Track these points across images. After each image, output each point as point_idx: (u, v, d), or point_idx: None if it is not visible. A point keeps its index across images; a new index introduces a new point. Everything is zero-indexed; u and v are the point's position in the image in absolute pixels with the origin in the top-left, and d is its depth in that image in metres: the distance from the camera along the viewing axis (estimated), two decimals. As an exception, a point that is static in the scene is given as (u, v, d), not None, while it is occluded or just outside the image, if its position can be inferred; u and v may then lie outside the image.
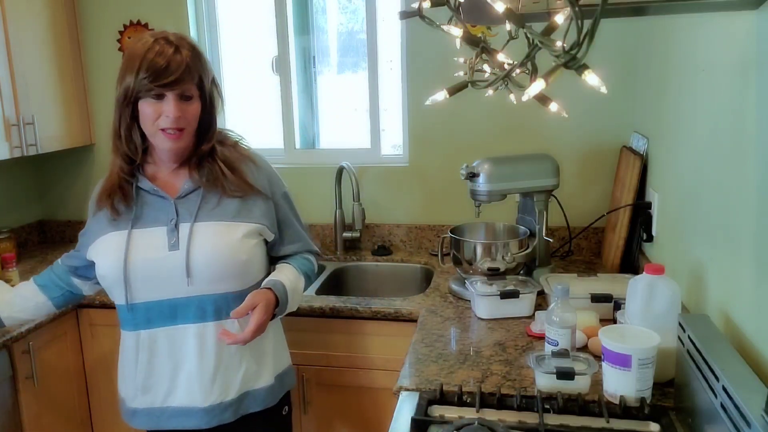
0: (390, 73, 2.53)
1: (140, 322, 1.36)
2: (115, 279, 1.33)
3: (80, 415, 2.13)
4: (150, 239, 1.34)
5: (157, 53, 1.26)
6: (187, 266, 1.32)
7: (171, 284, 1.33)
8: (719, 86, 1.27)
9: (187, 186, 1.38)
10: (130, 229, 1.34)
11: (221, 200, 1.37)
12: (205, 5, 2.57)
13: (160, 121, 1.29)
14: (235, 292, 1.37)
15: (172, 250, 1.32)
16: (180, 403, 1.38)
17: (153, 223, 1.35)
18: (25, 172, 2.73)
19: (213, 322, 1.36)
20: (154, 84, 1.26)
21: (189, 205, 1.37)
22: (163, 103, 1.28)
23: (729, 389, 0.90)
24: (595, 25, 0.74)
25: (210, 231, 1.34)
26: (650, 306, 1.24)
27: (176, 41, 1.30)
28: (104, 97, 2.65)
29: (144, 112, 1.30)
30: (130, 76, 1.27)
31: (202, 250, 1.32)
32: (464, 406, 1.26)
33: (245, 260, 1.37)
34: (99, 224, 1.39)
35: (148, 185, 1.38)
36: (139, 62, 1.26)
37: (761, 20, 1.05)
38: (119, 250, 1.33)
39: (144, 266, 1.32)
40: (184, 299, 1.34)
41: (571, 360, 1.29)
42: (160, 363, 1.37)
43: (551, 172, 1.90)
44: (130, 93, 1.28)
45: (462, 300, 1.89)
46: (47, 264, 2.44)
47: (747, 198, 1.09)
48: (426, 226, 2.48)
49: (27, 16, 2.28)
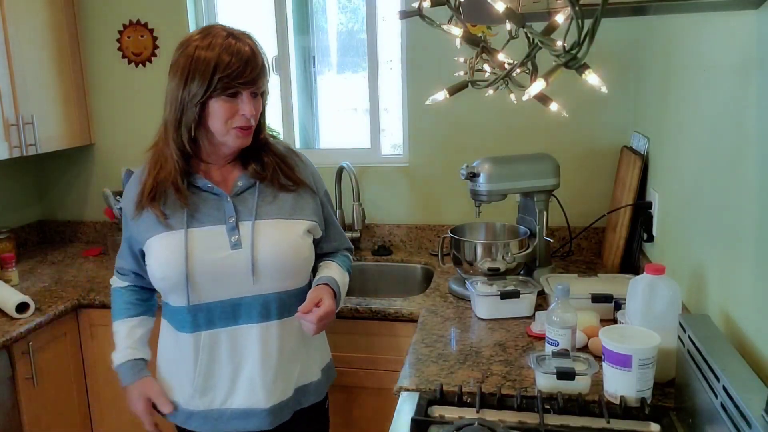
0: (390, 73, 2.53)
1: (201, 323, 1.33)
2: (176, 281, 1.29)
3: (80, 415, 2.13)
4: (209, 238, 1.30)
5: (236, 52, 1.22)
6: (253, 265, 1.30)
7: (234, 284, 1.30)
8: (720, 86, 1.27)
9: (242, 183, 1.35)
10: (187, 229, 1.30)
11: (277, 196, 1.36)
12: (205, 5, 2.57)
13: (234, 120, 1.26)
14: (296, 289, 1.38)
15: (234, 248, 1.30)
16: (241, 404, 1.35)
17: (210, 221, 1.31)
18: (24, 172, 2.73)
19: (276, 321, 1.35)
20: (236, 82, 1.22)
21: (246, 202, 1.34)
22: (237, 101, 1.25)
23: (729, 389, 0.90)
24: (595, 24, 0.74)
25: (271, 228, 1.32)
26: (651, 306, 1.24)
27: (242, 37, 1.26)
28: (104, 97, 2.65)
29: (216, 111, 1.25)
30: (205, 74, 1.22)
31: (267, 248, 1.31)
32: (464, 407, 1.26)
33: (306, 257, 1.38)
34: (146, 225, 1.33)
35: (203, 182, 1.33)
36: (216, 60, 1.21)
37: (761, 20, 1.04)
38: (178, 251, 1.28)
39: (206, 267, 1.29)
40: (247, 298, 1.32)
41: (571, 360, 1.29)
42: (220, 364, 1.34)
43: (551, 172, 1.90)
44: (204, 92, 1.23)
45: (462, 300, 1.88)
46: (47, 264, 2.46)
47: (747, 198, 1.09)
48: (426, 226, 2.48)
49: (27, 16, 2.28)
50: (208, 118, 1.26)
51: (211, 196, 1.33)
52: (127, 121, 2.65)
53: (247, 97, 1.26)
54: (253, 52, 1.25)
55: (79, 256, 2.56)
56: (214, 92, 1.23)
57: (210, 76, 1.21)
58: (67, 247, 2.71)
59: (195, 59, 1.22)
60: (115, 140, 2.69)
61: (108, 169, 2.71)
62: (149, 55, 2.57)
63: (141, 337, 1.43)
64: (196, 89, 1.23)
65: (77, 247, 2.70)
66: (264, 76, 1.28)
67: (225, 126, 1.26)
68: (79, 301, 2.06)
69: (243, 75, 1.23)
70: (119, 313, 1.44)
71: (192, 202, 1.31)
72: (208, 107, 1.25)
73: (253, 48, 1.25)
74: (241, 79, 1.23)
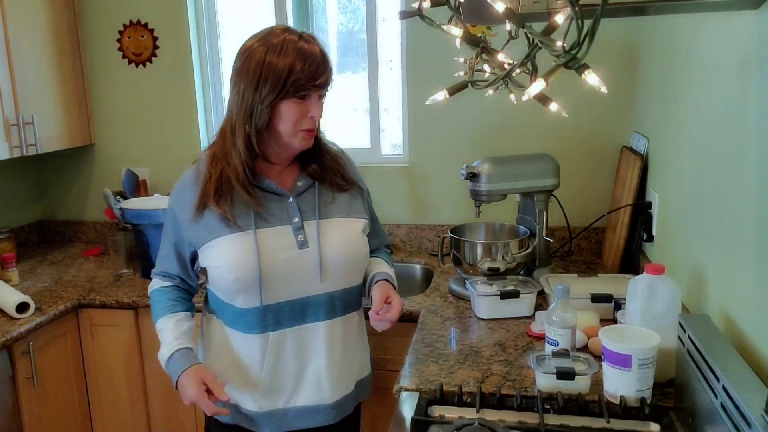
0: (390, 73, 2.53)
1: (269, 323, 1.33)
2: (250, 282, 1.28)
3: (80, 415, 2.13)
4: (276, 239, 1.31)
5: (309, 55, 1.23)
6: (321, 263, 1.32)
7: (303, 283, 1.32)
8: (719, 86, 1.27)
9: (301, 183, 1.37)
10: (255, 229, 1.30)
11: (335, 196, 1.39)
12: (205, 5, 2.57)
13: (302, 122, 1.27)
14: (356, 285, 1.42)
15: (301, 248, 1.31)
16: (306, 402, 1.37)
17: (275, 222, 1.32)
18: (25, 172, 2.73)
19: (340, 318, 1.38)
20: (309, 84, 1.24)
21: (307, 202, 1.35)
22: (306, 103, 1.26)
23: (729, 389, 0.90)
24: (595, 24, 0.74)
25: (334, 228, 1.35)
26: (650, 306, 1.24)
27: (312, 40, 1.26)
28: (104, 97, 2.65)
29: (286, 113, 1.25)
30: (279, 77, 1.22)
31: (333, 247, 1.33)
32: (464, 407, 1.26)
33: (365, 254, 1.42)
34: (209, 226, 1.31)
35: (267, 183, 1.33)
36: (291, 63, 1.21)
37: (761, 20, 1.05)
38: (249, 252, 1.28)
39: (277, 267, 1.30)
40: (315, 297, 1.34)
41: (571, 360, 1.29)
42: (286, 363, 1.35)
43: (551, 172, 1.90)
44: (277, 94, 1.23)
45: (462, 300, 1.88)
46: (47, 264, 2.46)
47: (747, 198, 1.09)
48: (426, 226, 2.48)
49: (27, 16, 2.28)
50: (277, 120, 1.26)
51: (274, 196, 1.34)
52: (127, 121, 2.66)
53: (315, 99, 1.27)
54: (323, 54, 1.26)
55: (80, 256, 2.56)
56: (286, 95, 1.23)
57: (284, 79, 1.21)
58: (67, 247, 2.71)
59: (267, 63, 1.22)
60: (115, 140, 2.69)
61: (108, 169, 2.71)
62: (149, 55, 2.57)
63: (187, 330, 1.40)
64: (267, 92, 1.23)
65: (77, 247, 2.70)
66: (331, 80, 1.30)
67: (293, 128, 1.27)
68: (79, 301, 2.07)
69: (316, 77, 1.24)
70: (163, 310, 1.41)
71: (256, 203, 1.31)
72: (278, 109, 1.25)
73: (322, 50, 1.27)
74: (313, 82, 1.24)
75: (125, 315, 2.06)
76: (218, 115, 2.68)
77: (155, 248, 2.20)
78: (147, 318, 2.06)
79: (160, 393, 2.13)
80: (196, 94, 2.58)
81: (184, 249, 1.38)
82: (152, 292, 1.45)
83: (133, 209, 2.20)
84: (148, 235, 2.19)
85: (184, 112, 2.60)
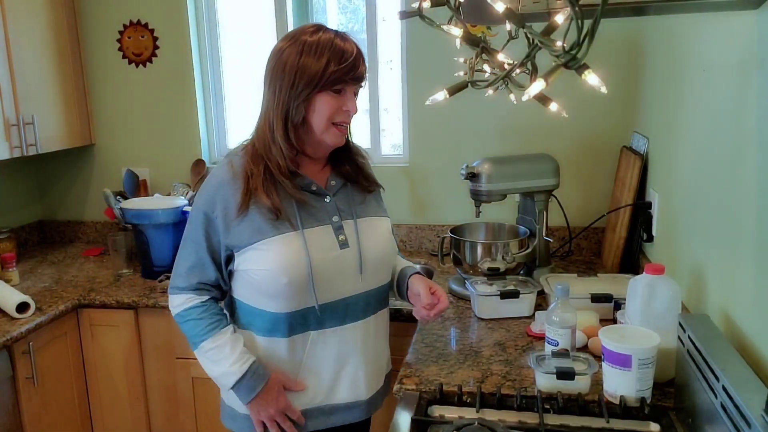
0: (390, 73, 2.53)
1: (311, 323, 1.32)
2: (301, 285, 1.26)
3: (80, 415, 2.13)
4: (320, 239, 1.30)
5: (347, 48, 1.24)
6: (361, 262, 1.32)
7: (344, 283, 1.32)
8: (719, 86, 1.27)
9: (335, 182, 1.37)
10: (303, 230, 1.28)
11: (364, 196, 1.41)
12: (205, 5, 2.57)
13: (336, 116, 1.27)
14: (388, 283, 1.44)
15: (343, 248, 1.31)
16: (342, 399, 1.38)
17: (316, 221, 1.31)
18: (25, 172, 2.73)
19: (373, 315, 1.39)
20: (347, 76, 1.24)
21: (343, 201, 1.36)
22: (341, 97, 1.27)
23: (729, 389, 0.90)
24: (595, 25, 0.74)
25: (370, 226, 1.37)
26: (650, 306, 1.24)
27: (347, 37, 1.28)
28: (104, 97, 2.65)
29: (322, 106, 1.25)
30: (316, 70, 1.22)
31: (371, 245, 1.35)
32: (464, 406, 1.26)
33: (396, 251, 1.46)
34: (254, 226, 1.26)
35: (307, 181, 1.32)
36: (329, 53, 1.23)
37: (761, 20, 1.05)
38: (301, 252, 1.26)
39: (324, 267, 1.28)
40: (354, 296, 1.34)
41: (571, 360, 1.29)
42: (325, 362, 1.35)
43: (551, 172, 1.90)
44: (315, 86, 1.23)
45: (462, 300, 1.88)
46: (47, 264, 2.46)
47: (747, 198, 1.09)
48: (426, 226, 2.48)
49: (27, 16, 2.28)
50: (311, 113, 1.26)
51: (313, 195, 1.33)
52: (128, 121, 2.66)
53: (350, 94, 1.28)
54: (359, 50, 1.28)
55: (80, 256, 2.56)
56: (323, 87, 1.24)
57: (321, 74, 1.22)
58: (67, 247, 2.71)
59: (303, 62, 1.23)
60: (115, 140, 2.69)
61: (108, 169, 2.71)
62: (149, 56, 2.57)
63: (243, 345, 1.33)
64: (303, 88, 1.23)
65: (77, 247, 2.70)
66: (366, 76, 1.30)
67: (327, 122, 1.27)
68: (79, 301, 2.07)
69: (353, 70, 1.25)
70: (210, 327, 1.31)
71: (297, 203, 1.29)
72: (313, 102, 1.25)
73: (358, 47, 1.28)
74: (351, 74, 1.25)
75: (125, 315, 2.06)
76: (218, 115, 2.68)
77: (155, 248, 2.21)
78: (147, 318, 2.07)
79: (160, 393, 2.13)
80: (196, 94, 2.58)
81: (221, 254, 1.31)
82: (187, 310, 1.33)
83: (133, 209, 2.20)
84: (148, 235, 2.19)
85: (184, 112, 2.60)
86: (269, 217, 1.26)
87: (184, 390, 2.09)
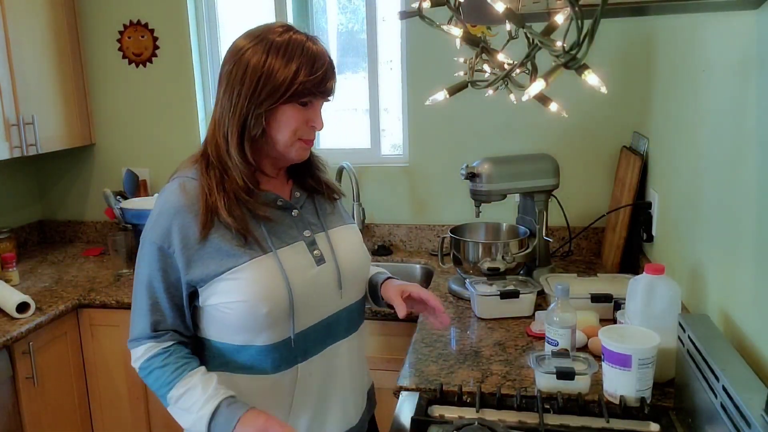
0: (390, 73, 2.53)
1: (298, 355, 1.16)
2: (281, 313, 1.11)
3: (80, 415, 2.13)
4: (295, 258, 1.15)
5: (319, 57, 1.09)
6: (339, 277, 1.19)
7: (324, 302, 1.19)
8: (719, 86, 1.27)
9: (299, 194, 1.23)
10: (276, 251, 1.12)
11: (331, 204, 1.28)
12: (205, 5, 2.57)
13: (302, 131, 1.13)
14: (364, 294, 1.31)
15: (319, 264, 1.17)
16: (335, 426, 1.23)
17: (288, 238, 1.16)
18: (25, 172, 2.73)
19: (356, 331, 1.27)
20: (319, 89, 1.10)
21: (311, 213, 1.23)
22: (308, 111, 1.12)
23: (729, 389, 0.90)
24: (595, 25, 0.74)
25: (342, 237, 1.24)
26: (650, 306, 1.24)
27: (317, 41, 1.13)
28: (104, 97, 2.65)
29: (287, 119, 1.10)
30: (283, 78, 1.07)
31: (347, 257, 1.22)
32: (464, 406, 1.26)
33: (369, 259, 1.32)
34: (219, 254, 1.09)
35: (270, 195, 1.17)
36: (301, 58, 1.07)
37: (761, 20, 1.05)
38: (278, 277, 1.10)
39: (303, 290, 1.13)
40: (336, 315, 1.20)
41: (571, 360, 1.29)
42: (312, 391, 1.19)
43: (551, 172, 1.90)
44: (279, 97, 1.08)
45: (462, 300, 1.88)
46: (47, 264, 2.46)
47: (747, 198, 1.09)
48: (426, 226, 2.48)
49: (27, 16, 2.28)
50: (274, 126, 1.11)
51: (278, 211, 1.18)
52: (128, 121, 2.66)
53: (318, 107, 1.15)
54: (330, 59, 1.13)
55: (80, 256, 2.56)
56: (290, 98, 1.09)
57: (289, 83, 1.07)
58: (67, 247, 2.71)
59: (269, 66, 1.08)
60: (115, 140, 2.69)
61: (108, 169, 2.71)
62: (149, 56, 2.57)
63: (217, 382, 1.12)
64: (266, 97, 1.08)
65: (77, 247, 2.70)
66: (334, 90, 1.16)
67: (291, 136, 1.12)
68: (79, 301, 2.07)
69: (324, 82, 1.10)
70: (177, 373, 1.12)
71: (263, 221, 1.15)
72: (276, 114, 1.10)
73: (329, 55, 1.14)
74: (322, 87, 1.11)
75: (125, 315, 2.05)
76: (218, 115, 2.68)
77: (155, 248, 2.21)
78: (147, 318, 2.07)
79: (160, 393, 2.13)
80: (196, 94, 2.58)
81: (182, 294, 1.13)
82: (148, 360, 1.15)
83: (133, 209, 2.20)
84: (148, 235, 2.19)
85: (184, 112, 2.60)
86: (236, 242, 1.10)
87: (184, 390, 2.09)
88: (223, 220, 1.09)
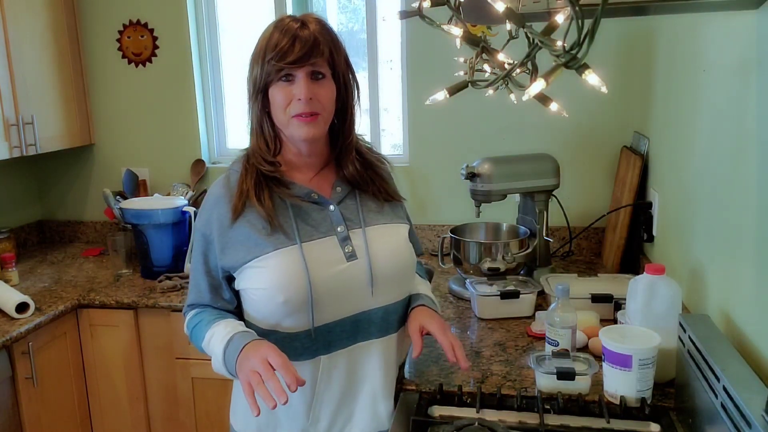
0: (390, 73, 2.53)
1: (320, 347, 1.19)
2: (299, 304, 1.15)
3: (80, 415, 2.13)
4: (323, 252, 1.17)
5: (283, 30, 1.12)
6: (371, 275, 1.19)
7: (354, 299, 1.20)
8: (720, 86, 1.27)
9: (340, 189, 1.24)
10: (300, 243, 1.16)
11: (376, 202, 1.27)
12: (205, 5, 2.57)
13: (291, 108, 1.14)
14: (407, 297, 1.31)
15: (350, 260, 1.18)
16: (359, 427, 1.24)
17: (318, 233, 1.18)
18: (25, 172, 2.73)
19: (395, 334, 1.27)
20: (283, 63, 1.11)
21: (350, 209, 1.23)
22: (291, 85, 1.14)
23: (729, 389, 0.90)
24: (595, 24, 0.74)
25: (382, 235, 1.23)
26: (651, 306, 1.24)
27: (302, 18, 1.16)
28: (104, 97, 2.65)
29: (275, 99, 1.15)
30: (257, 61, 1.14)
31: (383, 256, 1.21)
32: (464, 407, 1.26)
33: (414, 261, 1.31)
34: (248, 241, 1.16)
35: (304, 190, 1.20)
36: (265, 43, 1.13)
37: (761, 20, 1.04)
38: (299, 269, 1.14)
39: (327, 283, 1.16)
40: (367, 313, 1.21)
41: (571, 360, 1.29)
42: (338, 387, 1.22)
43: (551, 172, 1.90)
44: (259, 80, 1.14)
45: (462, 300, 1.88)
46: (47, 264, 2.46)
47: (747, 198, 1.09)
48: (426, 226, 2.47)
49: (27, 16, 2.28)
50: (272, 111, 1.17)
51: (314, 205, 1.21)
52: (127, 121, 2.65)
53: (303, 78, 1.13)
54: (307, 28, 1.13)
55: (79, 256, 2.55)
56: (270, 77, 1.14)
57: (263, 56, 1.13)
58: (67, 247, 2.70)
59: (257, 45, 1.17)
60: (115, 140, 2.68)
61: (108, 169, 2.71)
62: (149, 55, 2.57)
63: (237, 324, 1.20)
64: (254, 74, 1.16)
65: (77, 247, 2.69)
66: (320, 55, 1.13)
67: (285, 115, 1.15)
68: (79, 301, 2.06)
69: (291, 52, 1.11)
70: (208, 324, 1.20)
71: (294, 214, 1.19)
72: (270, 96, 1.16)
73: (308, 25, 1.14)
74: (289, 57, 1.11)
75: (125, 315, 2.06)
76: (218, 115, 2.68)
77: (155, 248, 2.21)
78: (147, 318, 2.07)
79: (160, 393, 2.13)
80: (196, 94, 2.58)
81: (219, 277, 1.22)
82: (191, 318, 1.26)
83: (133, 209, 2.20)
84: (148, 235, 2.19)
85: (184, 112, 2.60)
86: (264, 232, 1.16)
87: (183, 390, 2.09)
88: (254, 205, 1.16)
